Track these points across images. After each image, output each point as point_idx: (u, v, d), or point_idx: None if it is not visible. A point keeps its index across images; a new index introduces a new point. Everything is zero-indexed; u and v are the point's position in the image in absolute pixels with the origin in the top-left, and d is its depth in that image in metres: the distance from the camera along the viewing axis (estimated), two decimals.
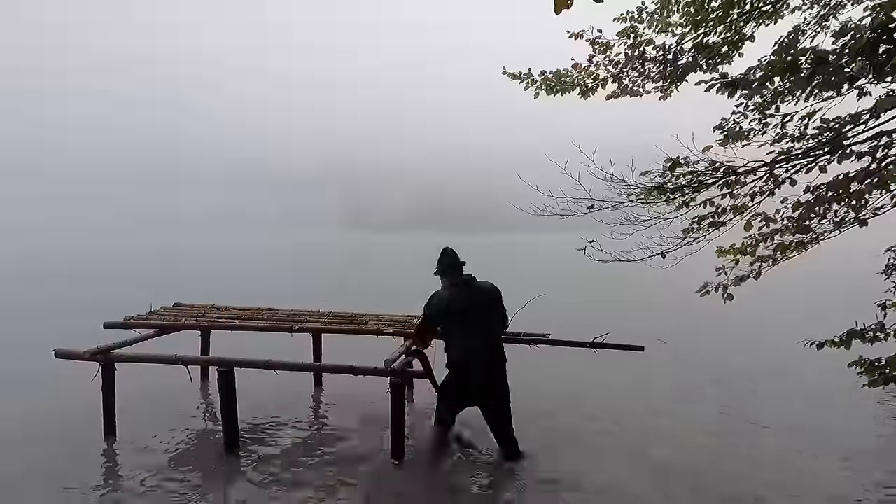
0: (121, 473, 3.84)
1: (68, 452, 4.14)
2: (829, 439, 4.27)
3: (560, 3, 1.84)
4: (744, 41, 3.27)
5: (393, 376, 3.88)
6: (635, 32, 3.63)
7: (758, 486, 3.50)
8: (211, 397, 5.45)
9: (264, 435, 4.47)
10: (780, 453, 4.03)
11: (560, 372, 6.07)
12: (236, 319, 5.09)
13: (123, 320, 4.91)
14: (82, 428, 4.50)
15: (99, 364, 4.29)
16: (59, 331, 7.27)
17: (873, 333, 3.07)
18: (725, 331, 8.85)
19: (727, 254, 3.29)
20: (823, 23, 3.02)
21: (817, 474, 3.69)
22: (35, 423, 4.79)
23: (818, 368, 5.84)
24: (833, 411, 4.96)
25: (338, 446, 4.25)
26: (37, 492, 3.56)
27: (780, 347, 7.32)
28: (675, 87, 3.62)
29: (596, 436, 4.40)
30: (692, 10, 3.28)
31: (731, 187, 3.02)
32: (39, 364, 5.41)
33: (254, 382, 4.74)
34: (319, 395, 5.59)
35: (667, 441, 4.25)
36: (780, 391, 5.62)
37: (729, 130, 3.20)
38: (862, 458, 3.92)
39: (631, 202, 3.34)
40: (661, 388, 5.75)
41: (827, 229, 2.97)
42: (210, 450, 4.18)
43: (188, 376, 4.77)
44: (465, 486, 3.59)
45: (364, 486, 3.57)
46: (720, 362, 6.86)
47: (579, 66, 3.76)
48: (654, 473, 3.70)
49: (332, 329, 4.90)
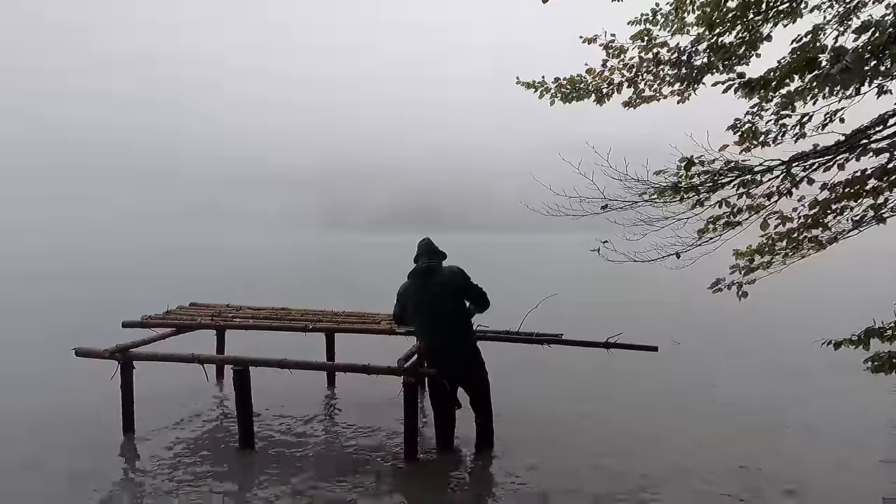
0: (139, 468, 3.90)
1: (89, 448, 4.22)
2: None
3: None
4: (761, 41, 3.24)
5: (406, 376, 3.90)
6: (649, 35, 3.61)
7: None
8: (226, 395, 5.51)
9: (279, 433, 4.52)
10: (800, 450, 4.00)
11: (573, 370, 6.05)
12: (251, 319, 5.15)
13: (141, 319, 4.99)
14: (101, 424, 4.58)
15: (118, 362, 4.38)
16: (60, 330, 7.47)
17: (892, 332, 3.03)
18: (739, 329, 8.77)
19: (743, 255, 3.27)
20: (845, 21, 2.98)
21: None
22: (54, 419, 4.88)
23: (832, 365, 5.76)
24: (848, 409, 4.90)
25: (351, 445, 4.28)
26: (54, 487, 3.63)
27: (796, 345, 7.24)
28: (692, 90, 3.59)
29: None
30: (708, 9, 3.26)
31: (748, 187, 3.00)
32: (51, 363, 5.53)
33: (268, 381, 4.79)
34: (333, 393, 5.63)
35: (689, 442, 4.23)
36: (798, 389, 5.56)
37: (744, 131, 3.18)
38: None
39: (645, 202, 3.33)
40: (677, 386, 5.72)
41: (845, 228, 2.94)
42: (225, 446, 4.24)
43: (204, 375, 4.84)
44: (477, 488, 3.61)
45: (376, 486, 3.59)
46: (731, 361, 6.80)
47: (593, 72, 3.75)
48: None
49: (345, 328, 4.94)
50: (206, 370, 4.72)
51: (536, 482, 3.63)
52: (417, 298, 3.85)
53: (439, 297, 3.78)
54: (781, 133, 3.10)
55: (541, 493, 3.48)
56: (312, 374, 5.39)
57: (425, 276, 3.84)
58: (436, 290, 3.79)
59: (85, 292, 15.52)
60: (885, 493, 3.33)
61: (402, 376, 3.91)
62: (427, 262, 3.86)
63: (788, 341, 7.92)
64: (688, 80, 3.55)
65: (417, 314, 3.89)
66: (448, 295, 3.81)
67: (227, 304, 5.75)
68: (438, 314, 3.80)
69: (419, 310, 3.86)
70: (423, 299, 3.83)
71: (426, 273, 3.84)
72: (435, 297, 3.79)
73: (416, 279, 3.88)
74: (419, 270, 3.87)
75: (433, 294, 3.79)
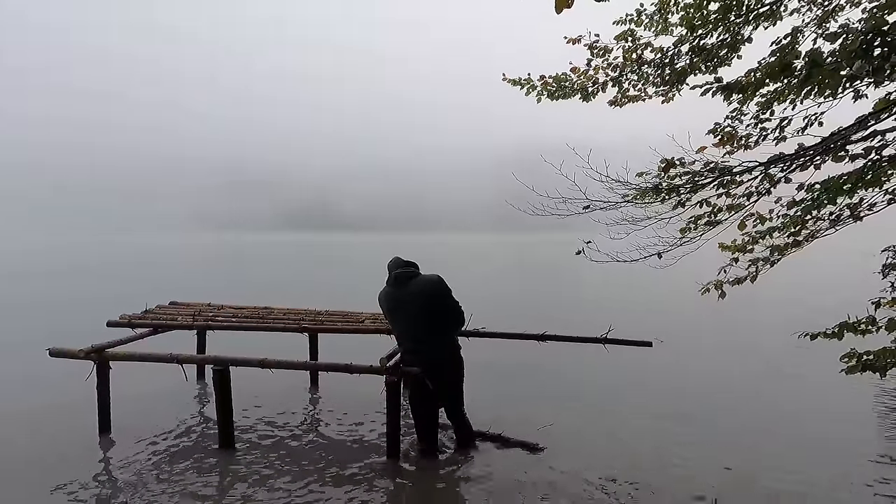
0: (115, 471, 3.81)
1: (62, 450, 4.11)
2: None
3: (561, 2, 1.84)
4: (742, 43, 3.28)
5: (388, 374, 3.88)
6: (633, 35, 3.64)
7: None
8: (206, 396, 5.43)
9: (259, 433, 4.46)
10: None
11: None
12: (233, 318, 5.08)
13: (120, 319, 4.90)
14: (77, 426, 4.48)
15: (94, 363, 4.28)
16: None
17: (865, 326, 3.13)
18: (723, 327, 8.91)
19: (728, 249, 3.33)
20: (823, 24, 3.04)
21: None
22: (28, 421, 4.76)
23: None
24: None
25: (333, 445, 4.24)
26: (31, 489, 3.54)
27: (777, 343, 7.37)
28: (676, 91, 3.63)
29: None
30: (691, 11, 3.29)
31: (727, 187, 3.04)
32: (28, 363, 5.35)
33: (249, 381, 4.73)
34: (315, 393, 5.57)
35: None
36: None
37: (724, 134, 3.23)
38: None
39: (627, 202, 3.36)
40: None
41: (822, 227, 3.00)
42: (205, 448, 4.16)
43: (183, 375, 4.75)
44: (459, 484, 3.60)
45: (358, 485, 3.56)
46: (720, 360, 6.90)
47: (577, 70, 3.77)
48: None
49: (329, 329, 4.90)
50: (185, 370, 4.64)
51: (514, 481, 3.63)
52: (389, 305, 3.91)
53: (412, 301, 3.80)
54: (762, 137, 3.14)
55: (519, 493, 3.48)
56: (295, 373, 5.34)
57: (398, 283, 3.87)
58: (408, 297, 3.81)
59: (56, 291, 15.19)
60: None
61: (384, 375, 3.88)
62: (397, 272, 3.89)
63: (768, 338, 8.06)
64: (671, 81, 3.59)
65: (394, 319, 3.93)
66: (422, 298, 3.81)
67: (209, 303, 5.67)
68: (412, 317, 3.81)
69: (393, 313, 3.91)
70: (396, 305, 3.87)
71: (398, 280, 3.87)
72: (408, 302, 3.81)
73: (391, 287, 3.92)
74: (390, 278, 3.92)
75: (406, 300, 3.82)
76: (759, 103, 3.16)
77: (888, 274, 3.55)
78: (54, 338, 4.83)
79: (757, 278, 3.27)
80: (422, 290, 3.82)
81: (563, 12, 1.91)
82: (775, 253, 3.18)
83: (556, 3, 1.85)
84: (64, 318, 10.48)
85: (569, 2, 1.84)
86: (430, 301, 3.81)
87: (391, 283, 3.91)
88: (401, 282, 3.86)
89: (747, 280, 3.28)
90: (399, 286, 3.86)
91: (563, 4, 1.85)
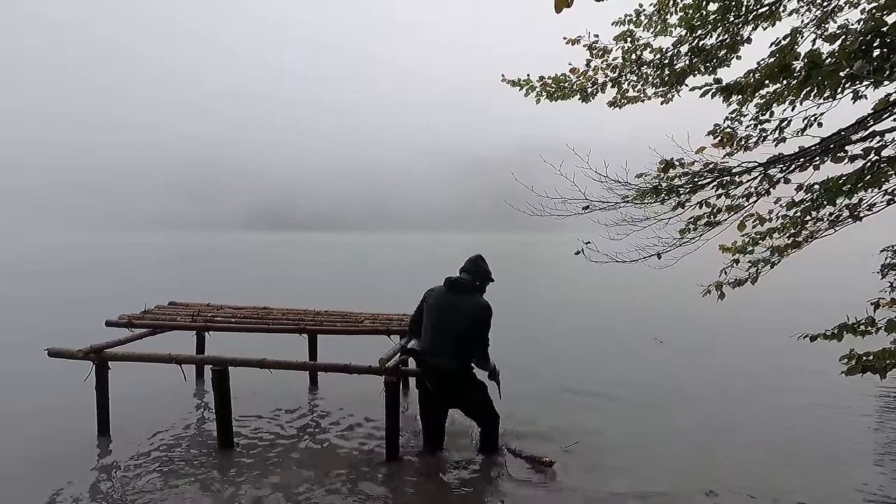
0: (114, 471, 3.80)
1: (61, 450, 4.10)
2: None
3: (560, 2, 1.84)
4: (741, 44, 3.28)
5: (387, 375, 3.87)
6: (632, 36, 3.63)
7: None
8: (205, 396, 5.42)
9: (259, 433, 4.45)
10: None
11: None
12: (232, 319, 5.07)
13: (119, 319, 4.88)
14: (76, 427, 4.47)
15: (92, 363, 4.28)
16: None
17: (864, 327, 3.12)
18: (722, 328, 8.91)
19: (728, 251, 3.32)
20: (822, 25, 3.03)
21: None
22: (28, 421, 4.75)
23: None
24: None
25: (332, 445, 4.24)
26: (30, 490, 3.53)
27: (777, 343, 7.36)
28: (675, 92, 3.63)
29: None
30: (690, 12, 3.29)
31: (727, 188, 3.04)
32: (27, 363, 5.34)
33: (249, 381, 4.72)
34: (314, 393, 5.57)
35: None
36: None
37: (723, 135, 3.22)
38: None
39: (626, 203, 3.36)
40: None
41: (821, 228, 2.99)
42: (204, 448, 4.16)
43: (182, 375, 4.75)
44: (458, 485, 3.59)
45: (357, 486, 3.56)
46: (718, 359, 6.90)
47: (577, 71, 3.76)
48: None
49: (328, 330, 4.88)
50: (184, 371, 4.63)
51: (509, 486, 3.62)
52: (433, 302, 3.89)
53: (455, 315, 3.78)
54: (762, 137, 3.14)
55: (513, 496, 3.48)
56: (294, 374, 5.34)
57: (452, 289, 3.87)
58: (453, 306, 3.80)
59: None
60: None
61: (383, 376, 3.88)
62: (458, 277, 3.90)
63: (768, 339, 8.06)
64: (670, 81, 3.59)
65: (429, 315, 3.89)
66: (465, 316, 3.78)
67: (208, 303, 5.67)
68: (446, 327, 3.78)
69: (431, 309, 3.88)
70: (438, 305, 3.84)
71: (452, 286, 3.87)
72: (451, 309, 3.80)
73: (445, 287, 3.90)
74: (449, 279, 3.90)
75: (451, 305, 3.80)
76: (758, 104, 3.15)
77: (887, 274, 3.54)
78: (53, 338, 4.82)
79: (757, 280, 3.27)
80: (469, 311, 3.80)
81: (562, 11, 1.92)
82: (775, 254, 3.18)
83: (555, 3, 1.85)
84: (62, 317, 10.46)
85: (568, 1, 1.84)
86: (471, 325, 3.80)
87: (445, 286, 3.90)
88: (454, 288, 3.87)
89: (748, 282, 3.28)
90: (451, 291, 3.86)
91: (563, 4, 1.85)
